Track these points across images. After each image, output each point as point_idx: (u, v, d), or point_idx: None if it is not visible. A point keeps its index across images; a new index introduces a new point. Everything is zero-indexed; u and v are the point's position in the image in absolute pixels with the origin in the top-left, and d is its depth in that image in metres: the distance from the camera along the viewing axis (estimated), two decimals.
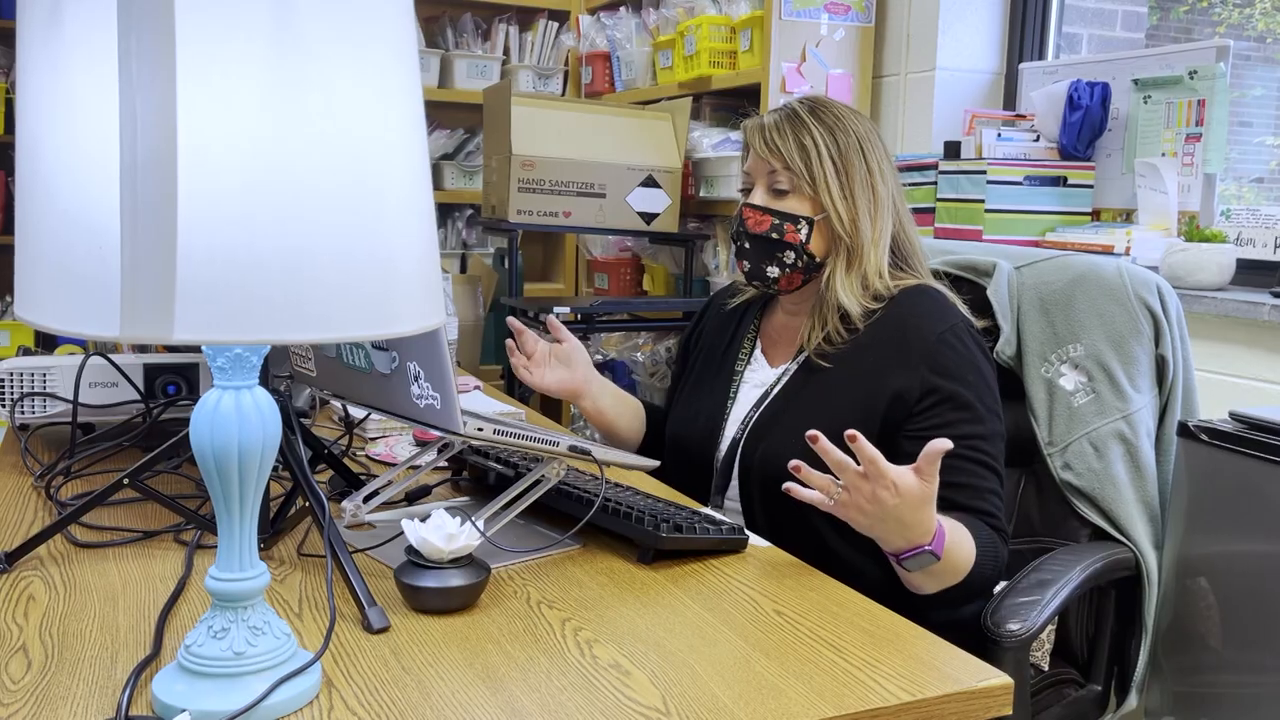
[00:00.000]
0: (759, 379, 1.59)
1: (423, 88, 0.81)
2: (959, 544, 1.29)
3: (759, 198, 1.52)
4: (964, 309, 1.52)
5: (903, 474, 1.15)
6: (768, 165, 1.51)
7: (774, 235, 1.50)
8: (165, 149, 0.67)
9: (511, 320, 1.62)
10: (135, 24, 0.67)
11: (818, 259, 1.51)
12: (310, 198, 0.71)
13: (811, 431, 1.14)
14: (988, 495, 1.41)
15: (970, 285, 1.74)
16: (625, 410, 1.71)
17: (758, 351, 1.63)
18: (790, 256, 1.50)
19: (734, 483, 1.53)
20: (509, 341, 1.61)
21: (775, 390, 1.54)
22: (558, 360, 1.61)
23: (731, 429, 1.57)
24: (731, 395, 1.60)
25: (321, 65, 0.70)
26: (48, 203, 0.72)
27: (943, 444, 1.14)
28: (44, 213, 0.72)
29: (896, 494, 1.15)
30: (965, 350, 1.45)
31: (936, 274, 1.76)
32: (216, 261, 0.68)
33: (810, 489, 1.20)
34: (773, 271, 1.52)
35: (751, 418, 1.53)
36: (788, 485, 1.21)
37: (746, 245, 1.53)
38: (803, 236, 1.49)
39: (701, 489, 1.58)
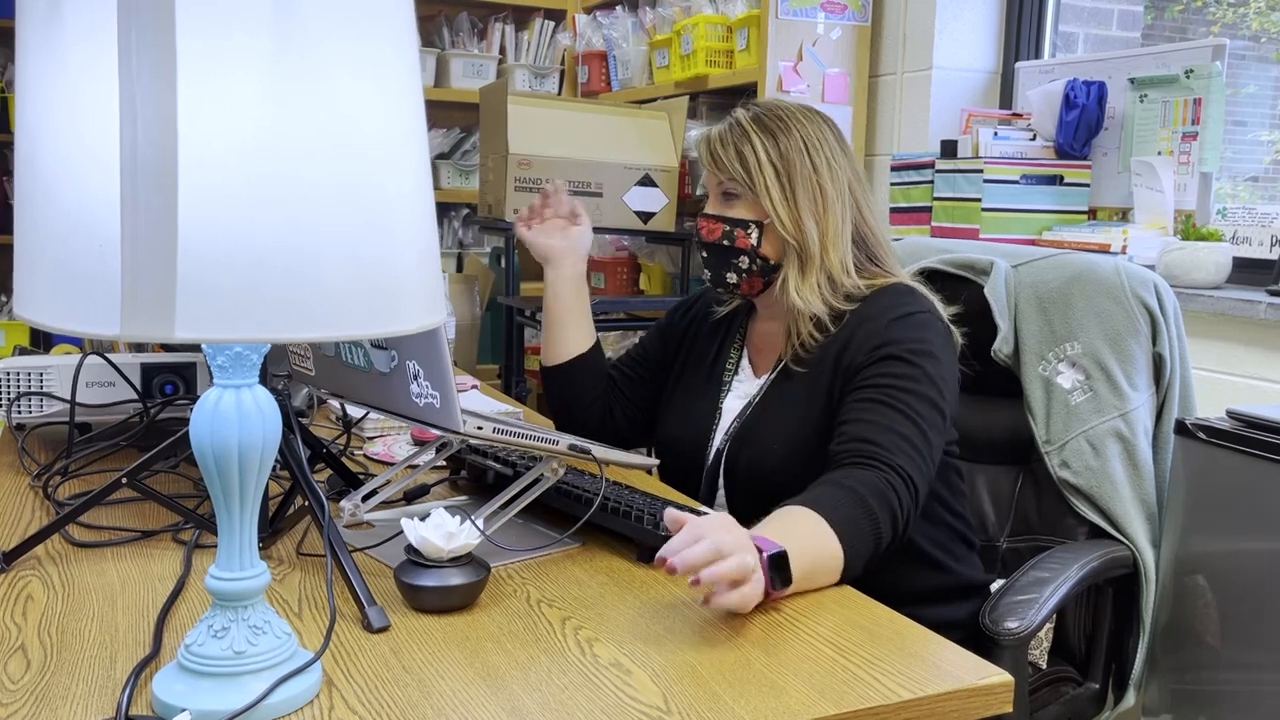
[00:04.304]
0: (744, 389, 1.58)
1: None
2: (792, 529, 1.16)
3: (711, 207, 1.54)
4: (941, 307, 1.49)
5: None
6: (716, 176, 1.53)
7: (725, 242, 1.51)
8: (166, 146, 0.67)
9: (552, 182, 1.71)
10: (135, 19, 0.67)
11: (772, 261, 1.51)
12: (312, 194, 0.70)
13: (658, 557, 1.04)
14: (895, 438, 1.31)
15: (967, 284, 1.74)
16: (579, 316, 1.73)
17: (744, 361, 1.62)
18: (745, 261, 1.50)
19: (720, 492, 1.53)
20: (530, 206, 1.71)
21: (757, 399, 1.53)
22: (560, 231, 1.71)
23: (718, 439, 1.57)
24: (719, 406, 1.60)
25: (323, 60, 0.70)
26: (47, 200, 0.71)
27: (680, 515, 1.06)
28: (44, 210, 0.72)
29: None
30: (920, 329, 1.41)
31: (926, 272, 1.76)
32: (218, 259, 0.68)
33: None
34: (731, 278, 1.53)
35: (734, 427, 1.53)
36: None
37: (704, 254, 1.55)
38: (753, 241, 1.49)
39: (692, 499, 1.57)
